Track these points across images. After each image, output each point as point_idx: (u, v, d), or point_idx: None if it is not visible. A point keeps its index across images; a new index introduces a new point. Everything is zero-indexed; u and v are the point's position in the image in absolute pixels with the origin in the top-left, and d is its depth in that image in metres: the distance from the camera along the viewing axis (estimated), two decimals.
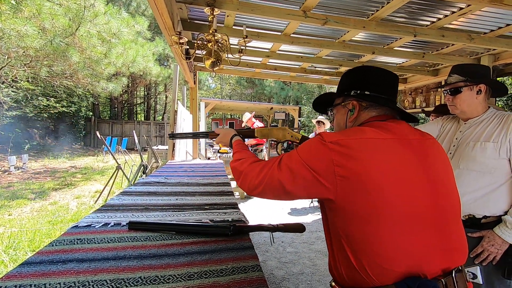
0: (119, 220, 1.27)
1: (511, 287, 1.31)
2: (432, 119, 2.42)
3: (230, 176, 3.71)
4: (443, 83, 1.46)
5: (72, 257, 0.92)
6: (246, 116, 5.86)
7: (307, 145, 0.79)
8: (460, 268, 0.76)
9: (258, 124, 5.79)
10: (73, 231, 1.15)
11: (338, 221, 0.74)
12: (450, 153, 1.42)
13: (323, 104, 1.05)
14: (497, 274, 1.29)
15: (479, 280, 1.26)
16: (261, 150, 5.83)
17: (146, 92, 24.65)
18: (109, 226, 1.21)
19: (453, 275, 0.73)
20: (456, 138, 1.43)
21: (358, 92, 0.88)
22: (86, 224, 1.22)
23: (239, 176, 0.91)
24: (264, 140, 5.82)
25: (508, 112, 1.35)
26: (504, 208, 1.27)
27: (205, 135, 1.32)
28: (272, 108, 10.19)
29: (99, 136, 5.44)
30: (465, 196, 1.30)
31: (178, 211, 1.42)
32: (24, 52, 6.06)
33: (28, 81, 8.08)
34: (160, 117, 25.16)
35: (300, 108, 11.36)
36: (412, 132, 0.83)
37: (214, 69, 2.14)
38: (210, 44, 2.02)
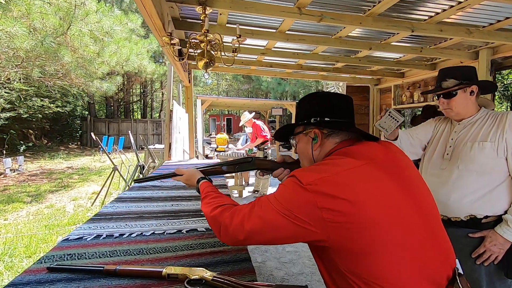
0: (112, 231, 1.23)
1: (511, 287, 1.31)
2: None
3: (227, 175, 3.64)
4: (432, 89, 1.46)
5: (60, 276, 0.88)
6: (246, 117, 5.52)
7: (283, 191, 0.74)
8: (461, 272, 0.76)
9: (259, 123, 5.51)
10: (63, 245, 1.11)
11: (336, 259, 0.71)
12: (448, 154, 1.41)
13: (284, 134, 1.02)
14: (499, 274, 1.29)
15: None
16: (267, 148, 5.61)
17: (142, 90, 24.44)
18: (101, 238, 1.17)
19: (458, 281, 0.73)
20: (452, 139, 1.42)
21: (318, 119, 0.86)
22: (77, 236, 1.18)
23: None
24: (269, 138, 5.59)
25: (501, 111, 1.36)
26: (504, 208, 1.27)
27: (169, 176, 1.16)
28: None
29: (94, 137, 5.36)
30: (465, 198, 1.30)
31: (173, 219, 1.39)
32: (14, 53, 5.93)
33: (20, 81, 7.95)
34: (157, 114, 24.99)
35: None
36: (380, 150, 0.82)
37: (208, 69, 2.08)
38: (203, 44, 1.96)
